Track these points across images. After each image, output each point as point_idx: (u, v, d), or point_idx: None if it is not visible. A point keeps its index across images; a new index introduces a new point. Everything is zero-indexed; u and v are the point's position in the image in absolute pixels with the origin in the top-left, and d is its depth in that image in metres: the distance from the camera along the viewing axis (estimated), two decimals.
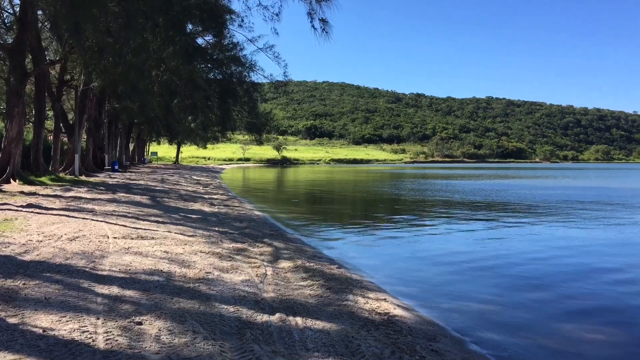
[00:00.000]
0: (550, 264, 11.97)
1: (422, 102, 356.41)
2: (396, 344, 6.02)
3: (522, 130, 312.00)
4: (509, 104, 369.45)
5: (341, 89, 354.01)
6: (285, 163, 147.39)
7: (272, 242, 12.67)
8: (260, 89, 37.00)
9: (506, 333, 7.27)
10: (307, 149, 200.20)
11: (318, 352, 5.37)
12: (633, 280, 10.43)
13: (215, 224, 14.97)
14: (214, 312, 6.36)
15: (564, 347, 6.78)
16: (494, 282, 10.17)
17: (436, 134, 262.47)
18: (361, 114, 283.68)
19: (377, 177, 67.72)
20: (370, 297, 8.23)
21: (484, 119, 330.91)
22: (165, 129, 58.15)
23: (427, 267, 11.57)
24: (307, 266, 9.93)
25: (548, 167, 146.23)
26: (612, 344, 6.95)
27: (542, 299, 9.00)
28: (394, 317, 7.23)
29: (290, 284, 8.48)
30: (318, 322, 6.44)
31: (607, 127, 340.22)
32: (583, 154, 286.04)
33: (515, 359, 6.39)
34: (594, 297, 9.17)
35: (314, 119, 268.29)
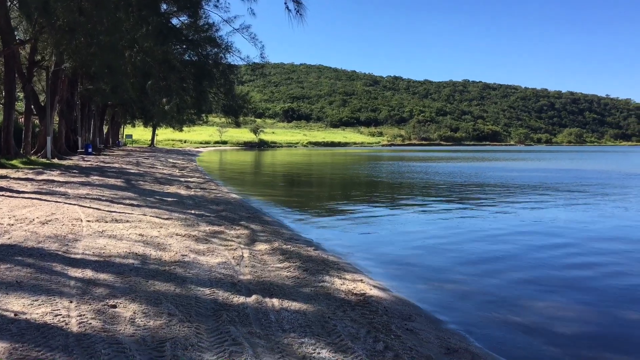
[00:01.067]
0: (525, 244, 12.17)
1: (400, 85, 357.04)
2: (372, 324, 6.08)
3: (498, 114, 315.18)
4: (485, 87, 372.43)
5: (319, 71, 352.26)
6: (263, 146, 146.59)
7: (249, 224, 12.63)
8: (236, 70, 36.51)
9: (480, 311, 7.40)
10: (285, 131, 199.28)
11: (294, 333, 5.40)
12: (604, 262, 10.67)
13: (192, 206, 14.86)
14: (189, 294, 6.33)
15: (536, 324, 6.92)
16: (469, 263, 10.31)
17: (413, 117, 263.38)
18: (339, 96, 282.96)
19: (354, 160, 67.90)
20: (346, 278, 8.28)
21: (461, 102, 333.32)
22: (140, 111, 57.20)
23: (404, 248, 11.68)
24: (284, 248, 9.93)
25: (523, 150, 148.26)
26: (581, 320, 7.12)
27: (516, 278, 9.17)
28: (370, 297, 7.29)
29: (267, 266, 8.48)
30: (295, 304, 6.46)
31: (580, 110, 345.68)
32: (557, 137, 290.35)
33: (488, 336, 6.51)
34: (566, 277, 9.37)
35: (291, 102, 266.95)
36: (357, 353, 5.02)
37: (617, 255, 11.10)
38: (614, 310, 7.50)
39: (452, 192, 24.70)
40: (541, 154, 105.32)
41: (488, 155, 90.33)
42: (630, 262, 10.46)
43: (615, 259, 10.75)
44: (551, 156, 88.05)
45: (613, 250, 11.54)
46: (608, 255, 11.04)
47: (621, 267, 10.07)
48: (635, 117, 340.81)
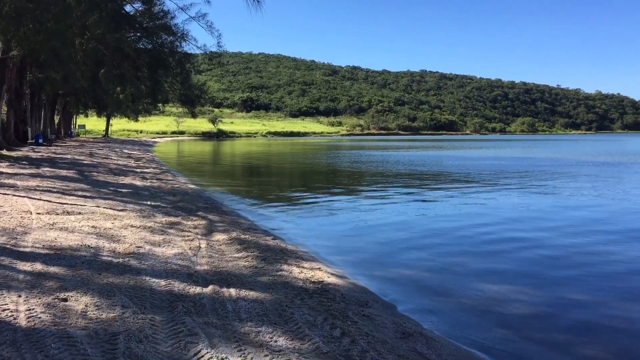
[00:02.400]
0: (479, 230, 12.48)
1: (359, 75, 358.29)
2: (329, 311, 6.13)
3: (454, 103, 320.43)
4: (442, 77, 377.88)
5: (277, 61, 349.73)
6: (222, 136, 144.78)
7: (207, 215, 12.50)
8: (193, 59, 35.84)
9: (434, 295, 7.57)
10: (244, 121, 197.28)
11: (251, 322, 5.39)
12: (556, 245, 11.04)
13: (147, 197, 14.58)
14: (144, 286, 6.23)
15: (487, 306, 7.13)
16: (425, 249, 10.51)
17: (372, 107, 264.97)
18: (298, 86, 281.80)
19: (314, 150, 67.97)
20: (305, 266, 8.31)
21: (418, 92, 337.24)
22: (93, 101, 55.56)
23: (362, 236, 11.80)
24: (242, 238, 9.88)
25: (478, 139, 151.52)
26: (530, 301, 7.36)
27: (469, 263, 9.40)
28: (327, 285, 7.34)
29: (225, 256, 8.42)
30: (252, 293, 6.45)
31: (533, 100, 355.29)
32: (510, 126, 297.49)
33: (442, 319, 6.67)
34: (518, 261, 9.66)
35: (250, 91, 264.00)
36: (314, 340, 5.06)
37: (568, 239, 11.50)
38: (561, 291, 7.78)
39: (411, 181, 25.06)
40: (496, 142, 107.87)
41: (446, 144, 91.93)
42: (578, 245, 10.85)
43: (565, 243, 11.14)
44: (506, 145, 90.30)
45: (564, 235, 11.95)
46: (559, 240, 11.43)
47: (570, 250, 10.44)
48: (585, 107, 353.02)
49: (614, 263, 9.46)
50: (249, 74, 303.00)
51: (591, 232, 12.35)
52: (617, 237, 11.74)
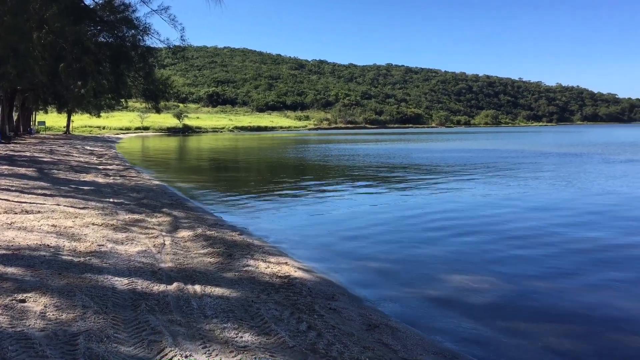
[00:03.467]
0: (444, 222, 12.63)
1: (325, 69, 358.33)
2: (296, 305, 6.12)
3: (420, 97, 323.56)
4: (408, 71, 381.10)
5: (243, 55, 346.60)
6: (187, 131, 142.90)
7: (172, 211, 12.32)
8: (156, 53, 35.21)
9: (400, 287, 7.64)
10: (210, 116, 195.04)
11: (217, 319, 5.34)
12: (518, 236, 11.27)
13: (110, 195, 14.29)
14: (106, 285, 6.10)
15: (452, 296, 7.24)
16: (390, 241, 10.60)
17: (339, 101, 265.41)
18: (264, 80, 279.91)
19: (282, 144, 67.72)
20: (271, 261, 8.28)
21: (385, 85, 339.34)
22: (53, 97, 54.05)
23: (329, 229, 11.83)
24: (207, 234, 9.78)
25: (444, 132, 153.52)
26: (493, 291, 7.51)
27: (434, 254, 9.53)
28: (294, 279, 7.33)
29: (190, 252, 8.32)
30: (218, 289, 6.39)
31: (496, 93, 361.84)
32: (474, 118, 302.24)
33: (408, 310, 6.74)
34: (480, 251, 9.83)
35: (215, 86, 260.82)
36: (280, 335, 5.05)
37: (530, 229, 11.76)
38: (524, 280, 7.96)
39: (379, 174, 25.23)
40: (462, 135, 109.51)
41: (412, 137, 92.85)
42: (540, 236, 11.10)
43: (527, 233, 11.39)
44: (472, 137, 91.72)
45: (526, 225, 12.21)
46: (521, 230, 11.68)
47: (532, 240, 10.68)
48: (546, 99, 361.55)
49: (575, 251, 9.71)
50: (214, 68, 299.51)
51: (555, 223, 12.64)
52: (578, 226, 12.06)
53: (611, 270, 8.45)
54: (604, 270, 8.45)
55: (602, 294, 7.30)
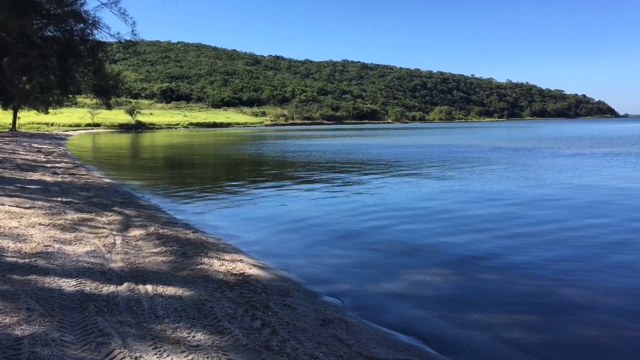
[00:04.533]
0: (398, 216, 12.79)
1: (281, 65, 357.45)
2: (250, 303, 6.08)
3: (376, 93, 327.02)
4: (364, 67, 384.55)
5: (197, 50, 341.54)
6: (140, 128, 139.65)
7: (123, 210, 12.03)
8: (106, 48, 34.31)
9: (355, 282, 7.70)
10: (164, 112, 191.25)
11: (168, 318, 5.25)
12: (469, 230, 11.52)
13: (58, 194, 13.82)
14: (52, 287, 5.90)
15: (406, 290, 7.34)
16: (346, 237, 10.66)
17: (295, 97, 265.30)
18: (220, 76, 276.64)
19: (238, 140, 67.11)
20: (226, 259, 8.19)
21: (341, 81, 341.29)
22: None
23: (285, 226, 11.79)
24: (160, 233, 9.60)
25: (400, 127, 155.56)
26: (446, 283, 7.66)
27: (389, 249, 9.63)
28: (249, 276, 7.28)
29: (142, 252, 8.14)
30: (170, 288, 6.28)
31: (449, 89, 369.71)
32: (429, 114, 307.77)
33: (362, 304, 6.80)
34: (434, 244, 10.00)
35: (169, 82, 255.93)
36: (234, 333, 5.00)
37: (482, 221, 12.04)
38: (475, 271, 8.15)
39: (335, 169, 25.33)
40: (417, 130, 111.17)
41: (369, 133, 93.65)
42: (492, 228, 11.38)
43: (480, 225, 11.65)
44: (427, 132, 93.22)
45: (479, 218, 12.50)
46: (474, 222, 11.94)
47: (485, 232, 10.94)
48: (497, 95, 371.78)
49: (526, 242, 10.00)
50: (167, 63, 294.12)
51: (507, 215, 12.98)
52: (529, 217, 12.44)
53: (561, 260, 8.74)
54: (555, 260, 8.74)
55: (552, 284, 7.55)
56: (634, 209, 13.45)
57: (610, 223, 11.66)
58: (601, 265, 8.39)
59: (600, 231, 10.85)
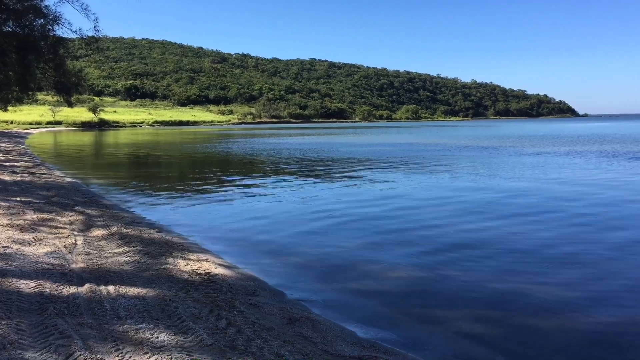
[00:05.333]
0: (363, 213, 12.87)
1: (249, 63, 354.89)
2: (215, 302, 6.04)
3: (343, 92, 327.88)
4: (331, 66, 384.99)
5: (163, 47, 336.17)
6: (104, 126, 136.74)
7: (85, 209, 11.77)
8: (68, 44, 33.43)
9: (321, 280, 7.72)
10: (128, 110, 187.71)
11: (131, 320, 5.16)
12: (432, 225, 11.68)
13: (17, 193, 13.43)
14: (10, 289, 5.74)
15: (371, 286, 7.40)
16: (312, 235, 10.67)
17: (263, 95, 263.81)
18: (186, 73, 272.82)
19: (205, 139, 66.38)
20: (191, 258, 8.11)
21: (308, 80, 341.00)
22: None
23: (252, 225, 11.73)
24: (123, 232, 9.42)
25: (367, 126, 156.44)
26: (411, 279, 7.75)
27: (354, 246, 9.68)
28: (214, 276, 7.22)
29: (104, 252, 7.99)
30: (133, 289, 6.18)
31: (416, 88, 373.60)
32: (396, 113, 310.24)
33: (328, 302, 6.82)
34: (398, 240, 10.09)
35: (134, 79, 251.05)
36: (198, 333, 4.96)
37: (445, 217, 12.22)
38: (438, 268, 8.26)
39: (302, 168, 25.31)
40: (384, 129, 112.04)
41: (337, 132, 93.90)
42: (453, 224, 11.56)
43: (442, 221, 11.82)
44: (394, 131, 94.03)
45: (442, 214, 12.67)
46: (437, 219, 12.11)
47: (447, 228, 11.10)
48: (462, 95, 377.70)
49: (486, 238, 10.19)
50: (132, 60, 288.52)
51: (470, 211, 13.21)
52: (491, 214, 12.68)
53: (522, 256, 8.94)
54: (515, 256, 8.93)
55: (512, 280, 7.71)
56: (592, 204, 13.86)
57: (570, 219, 11.98)
58: (559, 261, 8.62)
59: (560, 227, 11.14)
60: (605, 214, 12.58)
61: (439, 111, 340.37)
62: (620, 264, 8.40)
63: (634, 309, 6.54)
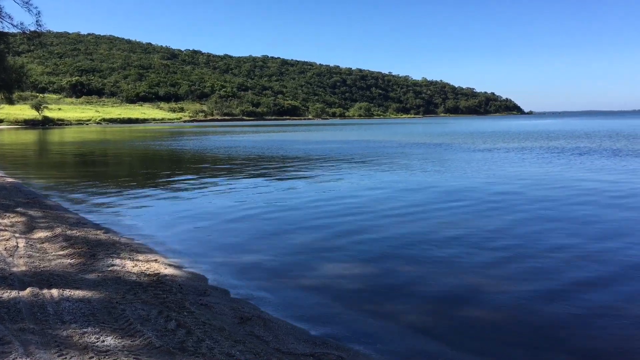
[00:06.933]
0: (314, 211, 12.89)
1: (199, 60, 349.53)
2: (165, 303, 5.92)
3: (296, 89, 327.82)
4: (284, 63, 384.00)
5: (110, 42, 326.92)
6: (48, 124, 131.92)
7: (27, 211, 11.31)
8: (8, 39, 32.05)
9: (274, 278, 7.68)
10: (74, 108, 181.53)
11: (76, 323, 5.00)
12: (381, 224, 11.82)
13: None
14: None
15: (324, 284, 7.41)
16: (264, 234, 10.61)
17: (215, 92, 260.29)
18: (134, 70, 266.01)
19: (155, 137, 64.95)
20: (139, 259, 7.92)
21: (261, 77, 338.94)
22: None
23: (203, 224, 11.56)
24: (68, 234, 9.11)
25: (320, 123, 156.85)
26: (363, 276, 7.83)
27: (306, 244, 9.68)
28: (164, 276, 7.09)
29: (47, 254, 7.70)
30: (78, 292, 5.98)
31: (368, 86, 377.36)
32: (349, 111, 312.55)
33: (281, 301, 6.79)
34: (351, 237, 10.16)
35: (79, 75, 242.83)
36: (147, 335, 4.84)
37: (396, 217, 12.38)
38: (388, 264, 8.37)
39: (253, 165, 25.13)
40: (338, 126, 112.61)
41: (290, 129, 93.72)
42: (405, 220, 11.74)
43: (394, 218, 11.98)
44: (348, 128, 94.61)
45: (394, 211, 12.84)
46: (389, 216, 12.26)
47: (398, 224, 11.26)
48: (413, 93, 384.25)
49: (435, 233, 10.40)
50: (77, 56, 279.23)
51: (420, 207, 13.43)
52: (441, 209, 12.93)
53: (467, 249, 9.16)
54: (463, 251, 9.14)
55: (460, 274, 7.89)
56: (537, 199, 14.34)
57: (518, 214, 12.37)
58: (507, 254, 8.89)
59: (508, 221, 11.48)
60: (555, 209, 13.04)
61: (391, 109, 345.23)
62: (567, 258, 8.73)
63: (579, 302, 6.81)
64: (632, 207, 13.16)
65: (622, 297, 6.89)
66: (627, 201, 13.94)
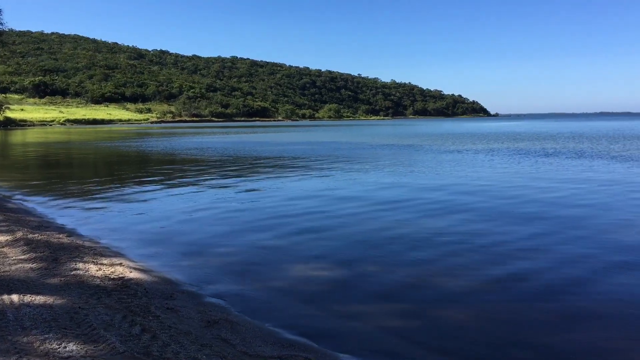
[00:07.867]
0: (282, 212, 12.86)
1: (167, 60, 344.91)
2: (129, 308, 5.82)
3: (266, 90, 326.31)
4: (253, 64, 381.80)
5: (74, 42, 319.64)
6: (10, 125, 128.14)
7: None
8: None
9: (241, 280, 7.63)
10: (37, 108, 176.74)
11: (37, 330, 4.87)
12: (352, 221, 11.87)
13: None
14: None
15: (292, 285, 7.41)
16: (231, 235, 10.53)
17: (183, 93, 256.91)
18: (100, 70, 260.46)
19: (121, 138, 63.76)
20: (104, 263, 7.77)
21: (230, 78, 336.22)
22: None
23: (169, 227, 11.41)
24: (29, 238, 8.88)
25: (290, 125, 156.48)
26: (330, 276, 7.84)
27: (274, 245, 9.66)
28: (129, 280, 6.97)
29: (7, 259, 7.48)
30: (39, 297, 5.83)
31: (338, 87, 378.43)
32: (319, 112, 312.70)
33: (248, 303, 6.75)
34: (319, 238, 10.17)
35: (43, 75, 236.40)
36: (110, 341, 4.75)
37: (363, 216, 12.45)
38: (358, 265, 8.41)
39: (221, 166, 24.92)
40: (308, 128, 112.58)
41: (260, 130, 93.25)
42: (373, 221, 11.82)
43: (360, 219, 12.04)
44: (319, 130, 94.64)
45: (360, 213, 12.90)
46: (357, 216, 12.32)
47: (366, 224, 11.33)
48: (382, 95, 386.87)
49: (405, 235, 10.49)
50: (40, 55, 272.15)
51: (389, 208, 13.54)
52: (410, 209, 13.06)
53: (437, 250, 9.28)
54: (431, 251, 9.26)
55: (429, 273, 7.99)
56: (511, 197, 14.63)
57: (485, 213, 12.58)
58: (474, 253, 9.03)
59: (475, 220, 11.66)
60: (521, 207, 13.30)
61: (361, 110, 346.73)
62: (531, 254, 8.92)
63: (543, 297, 6.97)
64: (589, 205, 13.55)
65: (599, 297, 7.08)
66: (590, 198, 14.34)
